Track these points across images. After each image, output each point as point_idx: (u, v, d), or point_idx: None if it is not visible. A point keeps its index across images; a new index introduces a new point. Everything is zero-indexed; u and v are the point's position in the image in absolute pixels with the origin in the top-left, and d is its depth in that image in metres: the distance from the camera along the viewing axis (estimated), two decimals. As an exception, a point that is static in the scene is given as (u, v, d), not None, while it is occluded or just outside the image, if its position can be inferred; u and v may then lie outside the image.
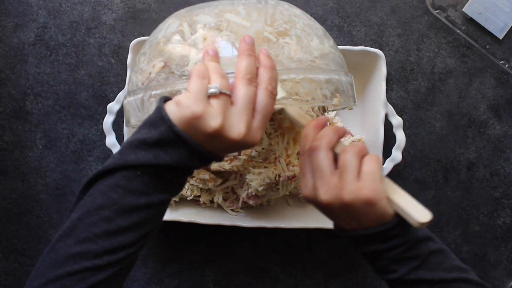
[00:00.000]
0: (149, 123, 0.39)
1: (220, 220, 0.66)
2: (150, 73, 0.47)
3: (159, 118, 0.38)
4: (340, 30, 0.72)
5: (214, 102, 0.38)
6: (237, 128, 0.39)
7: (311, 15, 0.72)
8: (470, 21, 0.72)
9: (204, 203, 0.67)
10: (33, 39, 0.72)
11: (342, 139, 0.46)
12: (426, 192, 0.73)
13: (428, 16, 0.72)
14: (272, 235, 0.72)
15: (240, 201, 0.65)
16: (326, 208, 0.43)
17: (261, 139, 0.43)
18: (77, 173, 0.72)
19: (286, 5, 0.51)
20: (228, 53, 0.44)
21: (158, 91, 0.44)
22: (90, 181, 0.40)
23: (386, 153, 0.66)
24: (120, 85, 0.72)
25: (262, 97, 0.40)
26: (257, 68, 0.42)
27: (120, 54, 0.72)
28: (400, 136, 0.66)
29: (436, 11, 0.72)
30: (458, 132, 0.73)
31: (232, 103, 0.40)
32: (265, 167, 0.61)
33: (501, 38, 0.71)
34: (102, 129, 0.66)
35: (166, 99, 0.40)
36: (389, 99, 0.70)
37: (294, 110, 0.51)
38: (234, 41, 0.45)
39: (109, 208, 0.38)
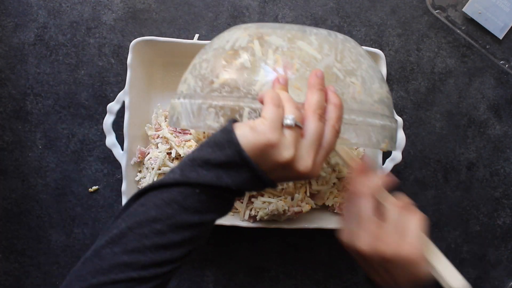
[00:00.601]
0: (215, 143, 0.39)
1: (220, 220, 0.66)
2: (212, 82, 0.46)
3: (227, 140, 0.38)
4: (340, 30, 0.72)
5: (288, 133, 0.38)
6: (305, 161, 0.39)
7: (311, 15, 0.73)
8: (470, 21, 0.72)
9: None
10: (33, 39, 0.72)
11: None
12: (426, 192, 0.73)
13: (428, 16, 0.72)
14: (272, 235, 0.72)
15: (242, 214, 0.66)
16: (363, 258, 0.43)
17: (320, 173, 0.43)
18: (77, 173, 0.72)
19: (353, 42, 0.50)
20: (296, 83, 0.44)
21: (220, 103, 0.44)
22: (143, 191, 0.40)
23: (386, 153, 0.66)
24: (120, 85, 0.72)
25: (329, 135, 0.40)
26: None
27: (120, 54, 0.72)
28: (400, 136, 0.66)
29: (436, 11, 0.72)
30: (458, 132, 0.73)
31: (302, 135, 0.40)
32: (273, 195, 0.63)
33: (501, 38, 0.71)
34: (102, 129, 0.66)
35: (234, 120, 0.40)
36: (389, 99, 0.70)
37: (343, 151, 0.51)
38: (305, 71, 0.44)
39: (162, 222, 0.38)
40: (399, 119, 0.66)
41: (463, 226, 0.73)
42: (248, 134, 0.38)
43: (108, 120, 0.66)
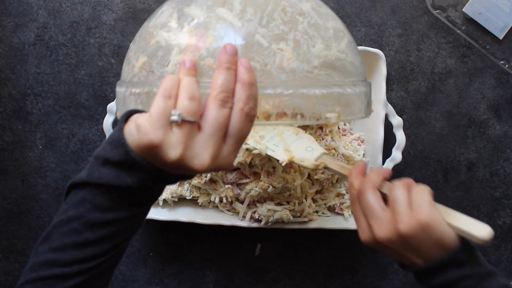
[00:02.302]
0: (112, 140, 0.37)
1: (220, 220, 0.66)
2: (134, 66, 0.43)
3: (117, 140, 0.36)
4: (340, 30, 0.73)
5: (176, 130, 0.35)
6: (200, 159, 0.35)
7: (311, 15, 0.73)
8: (470, 21, 0.72)
9: (202, 204, 0.67)
10: (33, 39, 0.72)
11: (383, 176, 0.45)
12: (426, 192, 0.73)
13: (428, 16, 0.72)
14: (272, 235, 0.72)
15: (240, 215, 0.66)
16: (386, 246, 0.42)
17: (233, 163, 0.39)
18: (77, 173, 0.72)
19: None
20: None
21: (137, 90, 0.41)
22: (70, 186, 0.40)
23: (386, 153, 0.66)
24: (120, 85, 0.72)
25: (236, 120, 0.36)
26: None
27: (120, 54, 0.72)
28: (400, 136, 0.66)
29: (436, 11, 0.72)
30: (458, 132, 0.73)
31: (200, 128, 0.36)
32: (278, 203, 0.64)
33: (501, 38, 0.71)
34: (102, 129, 0.66)
35: (130, 113, 0.37)
36: (389, 99, 0.70)
37: (334, 164, 0.51)
38: (219, 45, 0.38)
39: (78, 220, 0.38)
40: (399, 119, 0.66)
41: (463, 226, 0.73)
42: (134, 133, 0.35)
43: (108, 120, 0.66)
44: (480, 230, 0.39)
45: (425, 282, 0.42)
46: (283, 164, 0.56)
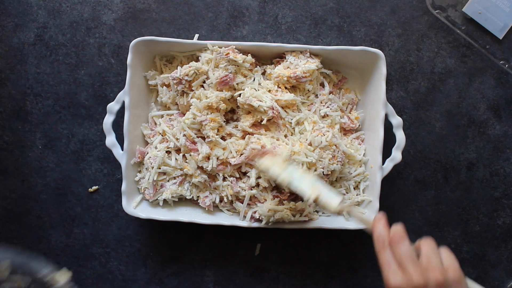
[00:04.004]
0: None
1: (220, 220, 0.66)
2: None
3: None
4: (340, 30, 0.72)
5: None
6: None
7: (310, 15, 0.73)
8: (470, 21, 0.72)
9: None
10: (33, 39, 0.72)
11: None
12: (426, 192, 0.73)
13: (428, 16, 0.72)
14: (272, 235, 0.72)
15: (241, 215, 0.66)
16: None
17: None
18: (77, 173, 0.72)
19: None
20: None
21: None
22: None
23: (386, 153, 0.66)
24: (120, 85, 0.72)
25: None
26: None
27: (120, 54, 0.72)
28: (400, 136, 0.66)
29: (436, 11, 0.72)
30: (458, 132, 0.73)
31: None
32: (280, 199, 0.65)
33: (501, 38, 0.71)
34: (102, 129, 0.66)
35: None
36: (389, 99, 0.70)
37: (356, 212, 0.55)
38: None
39: None
40: (399, 119, 0.66)
41: (463, 226, 0.73)
42: None
43: (108, 120, 0.66)
44: None
45: None
46: (308, 202, 0.60)
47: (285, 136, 0.66)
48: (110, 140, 0.66)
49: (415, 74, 0.73)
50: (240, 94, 0.64)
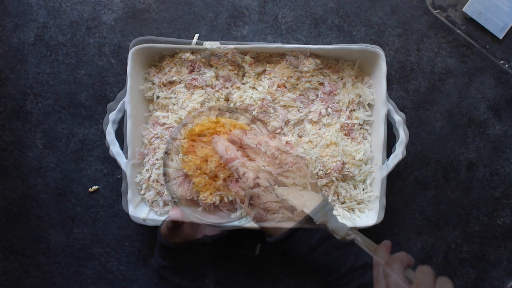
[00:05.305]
0: None
1: (220, 220, 0.66)
2: None
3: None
4: (340, 30, 0.72)
5: None
6: None
7: (311, 15, 0.73)
8: (470, 21, 0.72)
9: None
10: (33, 39, 0.72)
11: None
12: (426, 192, 0.73)
13: (428, 16, 0.72)
14: (272, 235, 0.72)
15: (241, 215, 0.66)
16: None
17: None
18: (77, 173, 0.72)
19: None
20: None
21: None
22: None
23: (388, 151, 0.66)
24: (120, 85, 0.72)
25: None
26: None
27: (120, 54, 0.72)
28: (403, 132, 0.65)
29: (436, 11, 0.72)
30: (458, 132, 0.73)
31: None
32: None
33: (501, 38, 0.71)
34: (102, 129, 0.66)
35: None
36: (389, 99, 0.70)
37: (363, 239, 0.55)
38: None
39: None
40: (401, 115, 0.65)
41: (463, 226, 0.73)
42: None
43: (108, 120, 0.66)
44: None
45: None
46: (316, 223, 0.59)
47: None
48: (110, 140, 0.66)
49: (415, 74, 0.73)
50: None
